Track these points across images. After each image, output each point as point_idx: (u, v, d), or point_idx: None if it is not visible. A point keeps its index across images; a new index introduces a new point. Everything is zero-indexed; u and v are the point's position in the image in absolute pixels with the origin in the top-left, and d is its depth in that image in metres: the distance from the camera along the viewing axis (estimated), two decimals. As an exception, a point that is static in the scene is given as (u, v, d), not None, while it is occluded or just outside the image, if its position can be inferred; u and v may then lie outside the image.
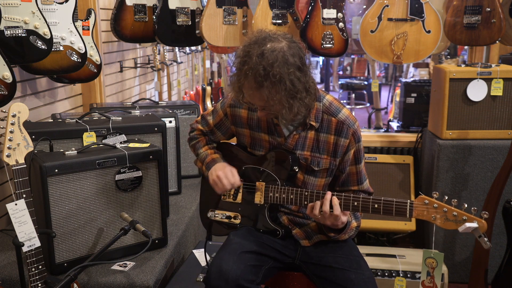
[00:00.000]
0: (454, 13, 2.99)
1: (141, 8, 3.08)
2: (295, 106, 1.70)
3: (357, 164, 1.91)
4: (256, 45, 1.69)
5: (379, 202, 1.70)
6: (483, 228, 1.59)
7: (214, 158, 2.00)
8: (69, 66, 2.50)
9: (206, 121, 2.09)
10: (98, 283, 1.96)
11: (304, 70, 1.71)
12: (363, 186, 1.94)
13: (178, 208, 2.74)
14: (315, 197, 1.78)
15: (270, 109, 1.76)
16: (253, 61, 1.65)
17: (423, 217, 1.65)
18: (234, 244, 1.83)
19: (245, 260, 1.77)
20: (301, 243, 1.95)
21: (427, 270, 1.80)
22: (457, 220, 1.60)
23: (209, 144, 2.10)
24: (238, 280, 1.69)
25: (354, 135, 1.85)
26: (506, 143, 2.90)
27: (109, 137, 2.34)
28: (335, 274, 1.83)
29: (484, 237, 1.60)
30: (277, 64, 1.64)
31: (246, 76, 1.68)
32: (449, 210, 1.61)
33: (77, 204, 2.01)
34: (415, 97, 3.69)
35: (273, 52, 1.65)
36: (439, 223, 1.63)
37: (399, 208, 1.67)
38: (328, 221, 1.76)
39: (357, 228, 1.92)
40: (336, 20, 2.99)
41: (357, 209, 1.74)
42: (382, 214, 1.70)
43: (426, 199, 1.64)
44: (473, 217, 1.60)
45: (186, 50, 5.70)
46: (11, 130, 1.65)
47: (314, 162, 1.87)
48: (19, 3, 2.12)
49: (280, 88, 1.66)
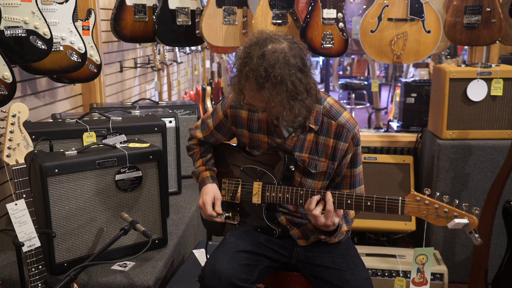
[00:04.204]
0: (454, 13, 2.99)
1: (141, 8, 3.08)
2: (295, 107, 1.70)
3: (352, 167, 1.89)
4: (257, 46, 1.68)
5: (372, 199, 1.69)
6: (473, 224, 1.58)
7: (204, 178, 2.01)
8: (69, 66, 2.50)
9: (205, 125, 2.07)
10: (98, 283, 1.96)
11: (305, 71, 1.70)
12: (355, 191, 1.92)
13: (178, 208, 2.74)
14: (310, 196, 1.78)
15: (271, 111, 1.75)
16: (254, 62, 1.64)
17: (415, 214, 1.64)
18: (229, 243, 1.84)
19: (239, 259, 1.77)
20: (298, 243, 1.95)
21: (417, 267, 1.80)
22: (448, 217, 1.60)
23: (203, 157, 2.09)
24: (232, 279, 1.70)
25: (354, 139, 1.84)
26: (506, 143, 2.90)
27: (109, 137, 2.34)
28: (331, 274, 1.82)
29: (475, 233, 1.59)
30: (278, 66, 1.63)
31: (247, 78, 1.67)
32: (440, 207, 1.60)
33: (77, 204, 2.01)
34: (415, 97, 3.69)
35: (274, 53, 1.64)
36: (431, 220, 1.62)
37: (391, 205, 1.67)
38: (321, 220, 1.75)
39: (347, 233, 1.92)
40: (336, 20, 2.99)
41: (350, 207, 1.73)
42: (374, 211, 1.70)
43: (417, 196, 1.63)
44: (464, 213, 1.59)
45: (186, 50, 5.70)
46: (11, 130, 1.65)
47: (311, 165, 1.87)
48: (19, 3, 2.12)
49: (281, 89, 1.65)
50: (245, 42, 1.75)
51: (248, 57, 1.67)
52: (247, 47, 1.71)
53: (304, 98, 1.70)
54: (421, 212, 1.63)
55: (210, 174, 2.03)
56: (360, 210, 1.75)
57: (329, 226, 1.76)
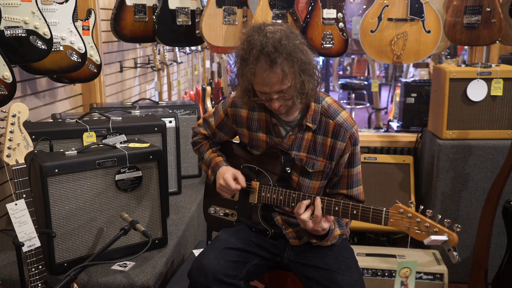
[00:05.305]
0: (454, 13, 2.99)
1: (141, 8, 3.08)
2: (306, 82, 1.71)
3: (350, 167, 1.89)
4: (255, 33, 1.71)
5: (358, 208, 1.68)
6: (453, 242, 1.53)
7: (217, 162, 2.01)
8: (69, 66, 2.50)
9: (208, 124, 2.09)
10: (98, 283, 1.96)
11: (305, 45, 1.75)
12: (353, 191, 1.91)
13: (178, 208, 2.74)
14: (301, 200, 1.77)
15: (284, 95, 1.72)
16: (260, 43, 1.66)
17: (397, 227, 1.60)
18: (220, 240, 1.86)
19: (226, 255, 1.79)
20: (291, 243, 1.95)
21: (401, 280, 1.77)
22: (428, 232, 1.55)
23: (213, 147, 2.11)
24: (217, 275, 1.71)
25: (351, 139, 1.84)
26: (506, 143, 2.90)
27: (109, 137, 2.34)
28: (321, 275, 1.82)
29: (453, 250, 1.54)
30: (284, 40, 1.66)
31: (257, 60, 1.67)
32: (422, 221, 1.56)
33: (77, 204, 2.01)
34: (415, 97, 3.69)
35: (275, 32, 1.68)
36: (413, 234, 1.58)
37: (375, 215, 1.65)
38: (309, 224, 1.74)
39: (341, 237, 1.91)
40: (336, 20, 2.99)
41: (337, 214, 1.73)
42: (359, 220, 1.68)
43: (401, 208, 1.59)
44: (445, 229, 1.54)
45: (186, 50, 5.70)
46: (11, 130, 1.65)
47: (309, 164, 1.87)
48: (19, 3, 2.12)
49: (293, 61, 1.66)
50: (242, 37, 1.76)
51: (251, 43, 1.69)
52: (247, 36, 1.73)
53: (311, 71, 1.73)
54: (404, 225, 1.59)
55: (223, 159, 2.04)
56: (347, 218, 1.74)
57: (318, 231, 1.76)
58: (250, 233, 1.93)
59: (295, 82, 1.69)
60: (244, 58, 1.71)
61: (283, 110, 1.79)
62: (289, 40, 1.68)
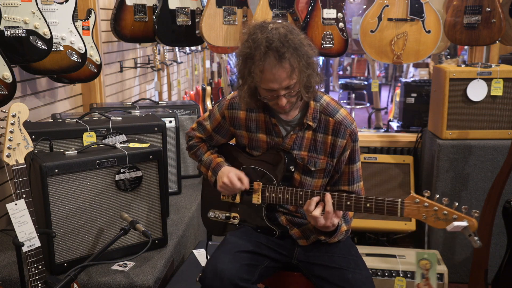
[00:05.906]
0: (454, 13, 2.99)
1: (141, 8, 3.08)
2: (311, 76, 1.72)
3: (351, 164, 1.90)
4: (258, 31, 1.70)
5: (371, 201, 1.69)
6: (473, 227, 1.56)
7: (218, 163, 1.99)
8: (69, 66, 2.50)
9: (203, 127, 2.07)
10: (98, 283, 1.96)
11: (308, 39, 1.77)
12: (354, 188, 1.92)
13: (178, 208, 2.74)
14: (310, 197, 1.78)
15: (291, 90, 1.72)
16: (266, 39, 1.66)
17: (415, 216, 1.63)
18: (230, 243, 1.84)
19: (240, 259, 1.77)
20: (299, 243, 1.95)
21: (421, 272, 1.78)
22: (447, 219, 1.58)
23: (211, 149, 2.09)
24: (234, 279, 1.70)
25: (351, 135, 1.85)
26: (506, 143, 2.90)
27: (109, 137, 2.34)
28: (332, 274, 1.82)
29: (474, 235, 1.57)
30: (289, 35, 1.68)
31: (265, 56, 1.66)
32: (440, 209, 1.59)
33: (77, 204, 2.01)
34: (415, 97, 3.69)
35: (278, 29, 1.70)
36: (430, 222, 1.61)
37: (390, 207, 1.66)
38: (321, 221, 1.74)
39: (347, 232, 1.92)
40: (336, 20, 2.99)
41: (349, 208, 1.73)
42: (374, 213, 1.69)
43: (417, 198, 1.62)
44: (463, 215, 1.57)
45: (186, 50, 5.70)
46: (11, 130, 1.65)
47: (311, 162, 1.87)
48: (19, 3, 2.12)
49: (300, 55, 1.68)
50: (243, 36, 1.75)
51: (257, 41, 1.68)
52: (249, 35, 1.72)
53: (315, 66, 1.74)
54: (421, 215, 1.62)
55: (224, 159, 2.02)
56: (360, 212, 1.74)
57: (328, 227, 1.76)
58: (257, 235, 1.92)
59: (302, 76, 1.69)
60: (250, 56, 1.70)
61: (288, 107, 1.77)
62: (293, 35, 1.69)
